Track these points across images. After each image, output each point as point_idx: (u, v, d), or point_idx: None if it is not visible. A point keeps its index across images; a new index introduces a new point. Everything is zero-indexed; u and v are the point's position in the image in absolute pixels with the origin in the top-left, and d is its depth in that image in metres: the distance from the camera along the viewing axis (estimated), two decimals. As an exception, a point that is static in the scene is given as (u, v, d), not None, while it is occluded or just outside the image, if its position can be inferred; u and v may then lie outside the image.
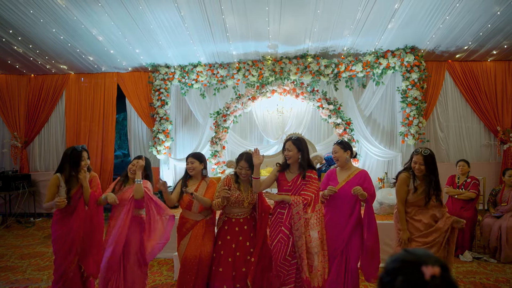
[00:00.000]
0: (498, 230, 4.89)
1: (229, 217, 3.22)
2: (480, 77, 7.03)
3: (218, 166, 6.97)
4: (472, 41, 6.21)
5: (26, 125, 7.90)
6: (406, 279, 0.81)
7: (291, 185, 3.10)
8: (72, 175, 3.25)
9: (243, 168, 3.16)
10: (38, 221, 7.34)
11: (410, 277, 0.80)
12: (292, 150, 3.10)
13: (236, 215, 3.20)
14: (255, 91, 6.95)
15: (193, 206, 3.22)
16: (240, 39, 6.29)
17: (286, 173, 3.19)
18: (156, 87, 7.39)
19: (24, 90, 7.89)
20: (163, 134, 7.29)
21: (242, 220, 3.20)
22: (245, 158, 3.18)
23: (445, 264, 0.82)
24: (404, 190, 3.24)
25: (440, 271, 0.79)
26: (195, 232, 3.18)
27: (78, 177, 3.24)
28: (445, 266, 0.81)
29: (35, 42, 6.28)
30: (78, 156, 3.25)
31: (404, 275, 0.81)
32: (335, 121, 6.73)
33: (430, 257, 0.82)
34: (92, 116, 7.81)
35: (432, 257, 0.83)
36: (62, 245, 3.17)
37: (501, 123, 6.96)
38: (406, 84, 6.67)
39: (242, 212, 3.21)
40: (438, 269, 0.79)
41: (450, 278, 0.81)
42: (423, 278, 0.79)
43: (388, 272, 0.85)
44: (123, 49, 6.64)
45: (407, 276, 0.81)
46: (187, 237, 3.20)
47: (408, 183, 3.23)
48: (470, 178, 5.22)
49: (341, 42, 6.45)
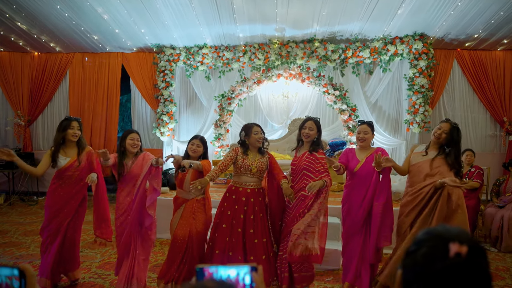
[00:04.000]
0: (500, 219, 4.89)
1: (237, 186, 3.22)
2: (489, 66, 6.94)
3: (222, 149, 6.95)
4: (483, 29, 6.10)
5: (29, 104, 7.86)
6: (429, 251, 0.78)
7: (297, 161, 3.20)
8: (61, 144, 3.29)
9: (258, 133, 3.21)
10: (41, 200, 7.37)
11: (433, 250, 0.78)
12: (313, 129, 3.18)
13: (243, 184, 3.19)
14: (260, 75, 6.88)
15: (184, 183, 3.25)
16: (247, 22, 6.19)
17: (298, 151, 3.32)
18: (161, 68, 7.32)
19: (27, 68, 7.82)
20: (167, 116, 7.26)
21: (249, 190, 3.18)
22: (255, 124, 3.27)
23: (481, 248, 0.78)
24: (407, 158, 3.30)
25: (468, 251, 0.76)
26: (186, 210, 3.22)
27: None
28: (479, 249, 0.78)
29: (39, 19, 6.19)
30: (67, 124, 3.28)
31: (429, 247, 0.79)
32: (341, 107, 6.67)
33: (462, 236, 0.79)
34: (96, 96, 7.76)
35: (465, 236, 0.79)
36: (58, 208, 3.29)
37: (508, 114, 6.90)
38: (413, 71, 6.59)
39: (251, 181, 3.19)
40: (465, 248, 0.76)
41: (479, 262, 0.76)
42: (447, 254, 0.76)
43: (416, 242, 0.83)
44: (129, 29, 6.55)
45: (430, 249, 0.79)
46: (178, 213, 3.25)
47: (413, 149, 3.28)
48: (474, 168, 5.20)
49: (349, 27, 6.35)
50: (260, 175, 3.23)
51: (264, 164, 3.22)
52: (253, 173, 3.17)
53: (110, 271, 3.85)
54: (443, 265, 0.75)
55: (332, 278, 3.76)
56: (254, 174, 3.18)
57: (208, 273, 0.91)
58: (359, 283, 3.13)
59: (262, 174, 3.24)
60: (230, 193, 3.23)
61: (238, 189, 3.20)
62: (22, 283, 0.88)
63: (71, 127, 3.27)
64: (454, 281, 0.74)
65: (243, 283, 0.95)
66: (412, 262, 0.80)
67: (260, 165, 3.19)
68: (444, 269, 0.75)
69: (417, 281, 0.77)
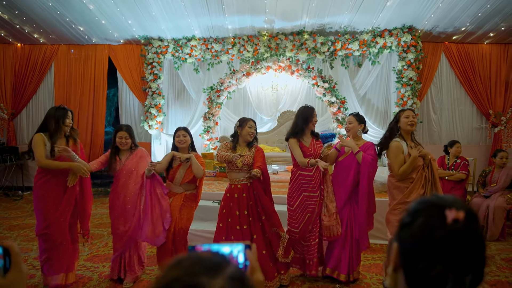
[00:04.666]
0: (486, 209, 4.98)
1: (230, 183, 3.26)
2: (476, 60, 7.02)
3: (211, 142, 6.90)
4: (470, 22, 6.16)
5: (13, 97, 7.67)
6: (426, 220, 0.77)
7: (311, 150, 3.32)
8: (57, 133, 3.13)
9: (252, 127, 3.25)
10: (26, 195, 7.23)
11: (431, 219, 0.77)
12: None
13: (235, 180, 3.21)
14: (249, 67, 6.84)
15: (175, 178, 3.27)
16: (236, 13, 6.13)
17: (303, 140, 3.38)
18: (148, 61, 7.22)
19: (10, 60, 7.61)
20: (155, 109, 7.16)
21: (240, 186, 3.18)
22: (251, 119, 3.33)
23: (474, 213, 0.78)
24: (401, 159, 3.06)
25: (465, 216, 0.76)
26: (173, 203, 3.27)
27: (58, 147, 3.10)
28: (473, 214, 0.77)
29: (21, 8, 6.01)
30: (64, 113, 3.16)
31: (426, 216, 0.78)
32: (330, 100, 6.68)
33: (457, 202, 0.78)
34: (83, 89, 7.61)
35: (459, 203, 0.78)
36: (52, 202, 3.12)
37: (493, 107, 7.00)
38: (402, 64, 6.63)
39: (240, 177, 3.19)
40: (462, 214, 0.76)
41: (476, 226, 0.76)
42: (444, 221, 0.75)
43: (410, 213, 0.81)
44: (115, 20, 6.43)
45: (428, 218, 0.77)
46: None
47: (402, 150, 3.08)
48: (460, 159, 5.26)
49: (339, 19, 6.34)
50: (248, 169, 3.18)
51: (250, 157, 3.20)
52: (240, 168, 3.16)
53: (98, 263, 3.83)
54: (443, 232, 0.74)
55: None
56: (241, 169, 3.17)
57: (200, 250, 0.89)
58: (339, 268, 3.30)
59: (249, 168, 3.19)
60: (226, 192, 3.28)
61: (231, 186, 3.23)
62: (7, 261, 0.85)
63: (67, 116, 3.18)
64: (455, 247, 0.73)
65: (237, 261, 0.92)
66: (410, 233, 0.78)
67: (246, 160, 3.17)
68: (444, 237, 0.74)
69: (417, 252, 0.76)
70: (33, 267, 3.71)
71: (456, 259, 0.73)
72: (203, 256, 0.69)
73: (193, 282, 0.61)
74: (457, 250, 0.73)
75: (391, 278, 0.83)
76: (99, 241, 4.55)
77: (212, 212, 4.45)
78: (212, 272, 0.64)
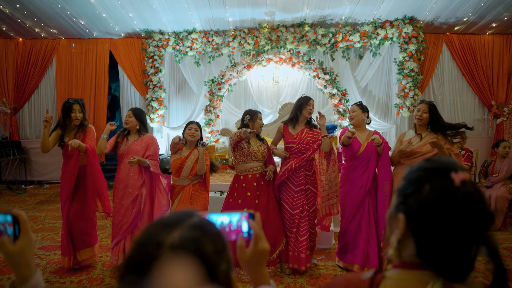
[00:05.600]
0: (488, 199, 4.98)
1: (245, 174, 3.31)
2: (478, 50, 6.98)
3: (212, 135, 6.91)
4: (472, 12, 6.12)
5: (15, 91, 7.69)
6: (435, 186, 0.76)
7: (296, 138, 3.34)
8: (66, 124, 3.39)
9: (261, 119, 3.39)
10: (29, 188, 7.27)
11: (439, 184, 0.75)
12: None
13: (252, 170, 3.30)
14: (250, 60, 6.83)
15: (182, 171, 3.31)
16: (236, 5, 6.11)
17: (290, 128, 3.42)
18: (149, 54, 7.22)
19: (12, 55, 7.62)
20: (157, 102, 7.18)
21: (258, 175, 3.30)
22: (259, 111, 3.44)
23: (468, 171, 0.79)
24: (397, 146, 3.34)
25: (469, 177, 0.75)
26: (183, 196, 3.29)
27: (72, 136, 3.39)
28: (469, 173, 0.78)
29: (22, 2, 6.01)
30: (69, 107, 3.39)
31: (432, 183, 0.76)
32: (331, 91, 6.67)
33: (457, 164, 0.78)
34: (84, 84, 7.62)
35: (457, 163, 0.78)
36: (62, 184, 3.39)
37: (496, 98, 6.97)
38: (403, 55, 6.60)
39: (258, 166, 3.32)
40: (467, 175, 0.75)
41: (478, 186, 0.77)
42: (453, 184, 0.74)
43: (412, 182, 0.80)
44: (116, 13, 6.42)
45: (435, 184, 0.76)
46: (176, 201, 3.30)
47: (402, 139, 3.33)
48: (464, 150, 5.27)
49: (339, 11, 6.32)
50: (264, 159, 3.36)
51: (266, 149, 3.38)
52: (259, 159, 3.31)
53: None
54: (458, 195, 0.74)
55: (324, 256, 3.80)
56: (260, 160, 3.32)
57: None
58: (368, 263, 3.23)
59: (265, 158, 3.37)
60: (239, 183, 3.31)
61: (247, 177, 3.29)
62: (16, 228, 0.88)
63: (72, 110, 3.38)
64: (471, 207, 0.73)
65: (239, 229, 0.92)
66: (419, 202, 0.77)
67: (263, 151, 3.34)
68: (461, 199, 0.73)
69: (430, 221, 0.75)
70: (37, 256, 3.75)
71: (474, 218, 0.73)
72: (166, 217, 0.70)
73: (151, 243, 0.62)
74: (474, 210, 0.73)
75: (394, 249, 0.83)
76: (102, 232, 4.58)
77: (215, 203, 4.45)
78: (170, 228, 0.64)
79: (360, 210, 3.28)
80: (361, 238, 3.25)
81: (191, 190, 3.30)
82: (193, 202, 3.25)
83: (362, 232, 3.25)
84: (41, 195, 6.71)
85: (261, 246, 0.92)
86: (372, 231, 3.24)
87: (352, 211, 3.32)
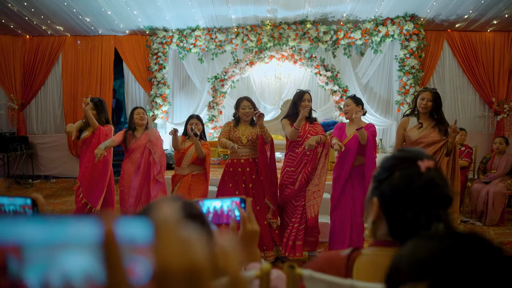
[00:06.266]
0: (486, 195, 5.05)
1: (232, 158, 3.40)
2: (479, 47, 7.02)
3: (215, 131, 7.03)
4: (473, 9, 6.16)
5: (22, 87, 7.84)
6: (404, 173, 0.87)
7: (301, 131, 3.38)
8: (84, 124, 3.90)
9: (246, 107, 3.34)
10: (36, 183, 7.43)
11: (407, 171, 0.87)
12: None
13: (238, 155, 3.35)
14: (253, 56, 6.92)
15: (183, 161, 3.45)
16: (239, 2, 6.20)
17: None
18: (154, 51, 7.33)
19: (19, 52, 7.77)
20: (161, 98, 7.29)
21: (243, 161, 3.34)
22: (246, 98, 3.42)
23: (436, 161, 0.89)
24: (400, 134, 3.28)
25: (434, 164, 0.87)
26: (182, 185, 3.42)
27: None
28: (435, 160, 0.88)
29: (30, 0, 6.13)
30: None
31: (401, 169, 0.87)
32: (332, 88, 6.75)
33: (424, 153, 0.89)
34: (90, 80, 7.74)
35: (425, 153, 0.89)
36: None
37: (496, 95, 7.01)
38: (404, 52, 6.66)
39: (244, 152, 3.35)
40: (432, 162, 0.87)
41: (442, 172, 0.88)
42: (420, 170, 0.85)
43: (385, 169, 0.91)
44: (121, 10, 6.53)
45: (404, 171, 0.87)
46: (175, 188, 3.45)
47: (405, 126, 3.24)
48: (464, 147, 5.34)
49: (341, 8, 6.38)
50: (252, 145, 3.36)
51: (254, 134, 3.34)
52: (244, 143, 3.32)
53: None
54: (422, 180, 0.85)
55: (323, 249, 3.90)
56: (245, 145, 3.33)
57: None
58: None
59: (254, 144, 3.36)
60: (228, 167, 3.40)
61: (233, 161, 3.36)
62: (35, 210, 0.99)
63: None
64: (433, 190, 0.84)
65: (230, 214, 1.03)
66: (390, 187, 0.88)
67: (250, 135, 3.33)
68: (424, 183, 0.84)
69: (400, 202, 0.85)
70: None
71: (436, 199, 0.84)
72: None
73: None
74: (436, 192, 0.84)
75: (370, 230, 0.94)
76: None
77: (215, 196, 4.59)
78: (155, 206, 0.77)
79: (342, 200, 3.32)
80: (347, 227, 3.32)
81: (190, 180, 3.42)
82: (192, 192, 3.36)
83: (348, 221, 3.31)
84: (48, 189, 6.86)
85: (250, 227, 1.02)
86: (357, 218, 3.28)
87: (334, 201, 3.40)
